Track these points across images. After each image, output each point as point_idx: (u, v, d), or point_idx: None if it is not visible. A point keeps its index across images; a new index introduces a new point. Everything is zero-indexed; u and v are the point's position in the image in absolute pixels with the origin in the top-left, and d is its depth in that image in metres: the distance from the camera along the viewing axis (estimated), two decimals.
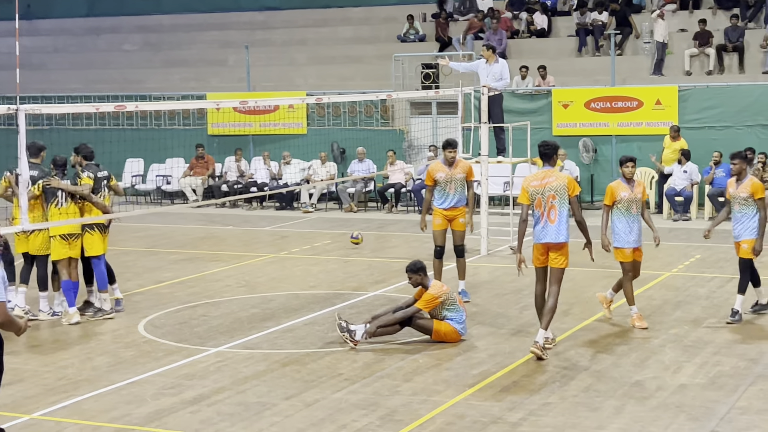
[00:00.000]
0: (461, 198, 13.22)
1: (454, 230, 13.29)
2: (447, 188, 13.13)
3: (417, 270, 11.41)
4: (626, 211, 11.88)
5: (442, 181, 13.12)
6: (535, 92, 24.24)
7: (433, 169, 13.29)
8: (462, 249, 13.40)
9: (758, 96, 22.04)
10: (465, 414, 8.92)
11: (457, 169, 13.20)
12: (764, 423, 8.50)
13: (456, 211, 13.22)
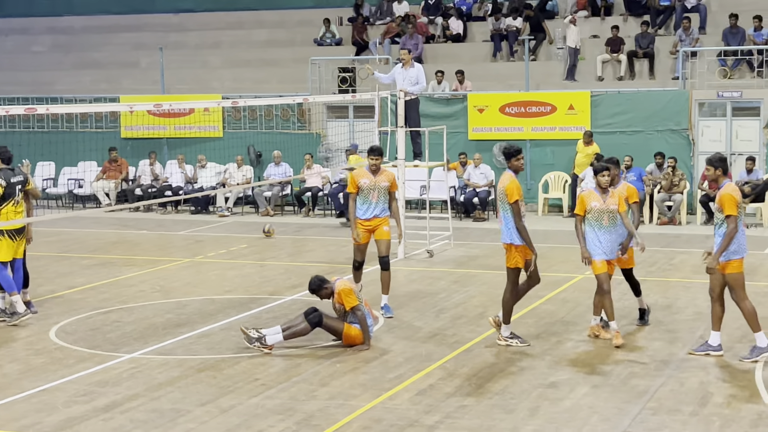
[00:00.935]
0: (384, 208, 12.79)
1: (378, 240, 12.74)
2: (370, 196, 12.69)
3: (320, 285, 11.37)
4: (596, 222, 11.25)
5: (365, 188, 12.70)
6: (451, 97, 24.42)
7: (356, 175, 12.87)
8: (387, 261, 12.79)
9: (668, 101, 22.51)
10: (382, 418, 8.92)
11: (382, 177, 12.83)
12: (675, 423, 8.67)
13: (378, 221, 12.76)
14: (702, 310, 12.86)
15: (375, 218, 12.73)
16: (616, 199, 11.35)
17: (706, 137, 22.48)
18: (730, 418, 8.73)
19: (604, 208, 11.26)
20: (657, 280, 14.83)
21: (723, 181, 10.64)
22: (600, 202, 11.28)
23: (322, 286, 11.39)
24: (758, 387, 9.62)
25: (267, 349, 11.06)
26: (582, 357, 10.84)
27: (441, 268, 16.33)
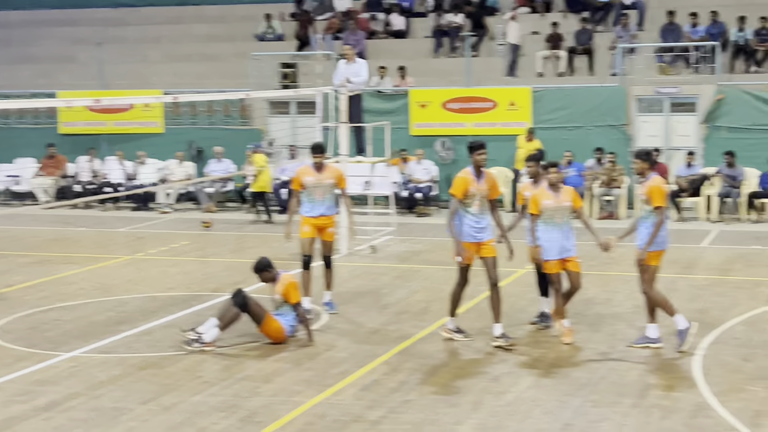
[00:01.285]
0: (330, 206, 12.59)
1: (323, 241, 12.62)
2: (315, 194, 12.44)
3: (265, 267, 11.38)
4: (549, 220, 11.13)
5: (309, 185, 12.45)
6: (393, 92, 24.44)
7: (301, 173, 12.61)
8: (331, 260, 12.77)
9: (607, 97, 22.76)
10: (326, 413, 8.92)
11: (326, 174, 12.56)
12: (615, 415, 8.78)
13: (326, 220, 12.54)
14: (641, 303, 13.01)
15: (322, 216, 12.49)
16: (571, 196, 11.21)
17: (644, 132, 22.77)
18: (670, 409, 8.86)
19: (557, 206, 11.13)
20: (597, 274, 14.98)
21: (649, 174, 10.77)
22: (552, 200, 11.15)
23: (268, 268, 11.37)
24: (696, 378, 9.77)
25: (208, 347, 10.99)
26: (524, 351, 10.92)
27: (384, 264, 16.36)
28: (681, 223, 20.41)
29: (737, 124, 21.83)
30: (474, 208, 10.92)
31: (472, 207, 10.90)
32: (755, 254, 16.79)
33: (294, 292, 11.24)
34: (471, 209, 10.91)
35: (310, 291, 12.47)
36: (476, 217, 10.94)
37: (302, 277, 12.41)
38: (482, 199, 10.97)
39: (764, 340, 11.10)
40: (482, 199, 10.97)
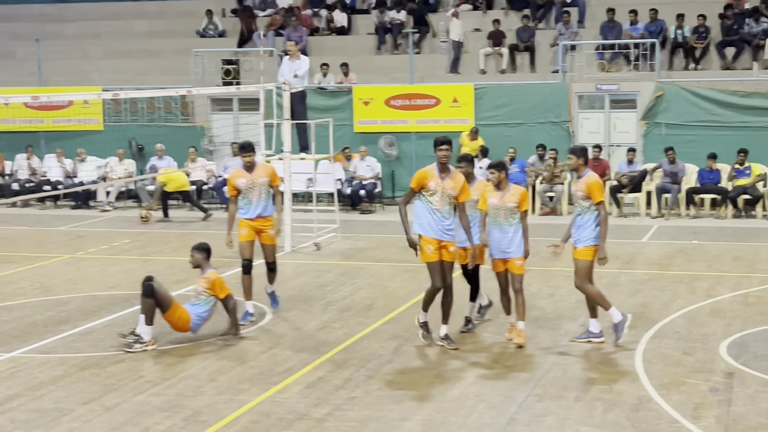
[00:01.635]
0: (267, 206, 12.14)
1: (264, 244, 12.20)
2: (250, 195, 12.04)
3: (203, 249, 11.31)
4: (493, 219, 10.91)
5: (243, 188, 12.03)
6: (336, 89, 24.40)
7: (233, 176, 12.16)
8: (274, 266, 12.42)
9: (548, 94, 22.94)
10: (271, 412, 8.87)
11: (259, 173, 12.14)
12: (559, 409, 8.84)
13: (264, 221, 12.11)
14: (583, 298, 13.13)
15: (259, 218, 12.07)
16: (518, 197, 10.94)
17: (586, 129, 22.99)
18: (612, 403, 8.95)
19: (501, 205, 10.89)
20: (540, 270, 15.09)
21: (585, 171, 10.77)
22: (497, 199, 10.94)
23: (204, 251, 11.30)
24: (638, 372, 9.88)
25: (149, 345, 10.87)
26: (469, 347, 10.96)
27: (328, 261, 16.32)
28: (622, 218, 20.64)
29: (676, 120, 22.13)
30: (435, 201, 10.59)
31: (433, 199, 10.58)
32: (694, 249, 17.04)
33: (221, 287, 11.24)
34: (432, 202, 10.59)
35: (252, 295, 12.17)
36: (441, 214, 10.60)
37: (243, 281, 12.09)
38: (446, 197, 10.63)
39: (704, 334, 11.26)
40: (446, 197, 10.63)
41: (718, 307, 12.55)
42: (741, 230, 18.92)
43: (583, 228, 10.77)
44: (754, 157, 20.83)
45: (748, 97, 21.79)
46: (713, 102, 21.92)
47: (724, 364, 10.06)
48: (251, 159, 12.14)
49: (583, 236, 10.76)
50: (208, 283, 11.25)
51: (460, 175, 10.86)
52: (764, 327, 11.51)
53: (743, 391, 9.19)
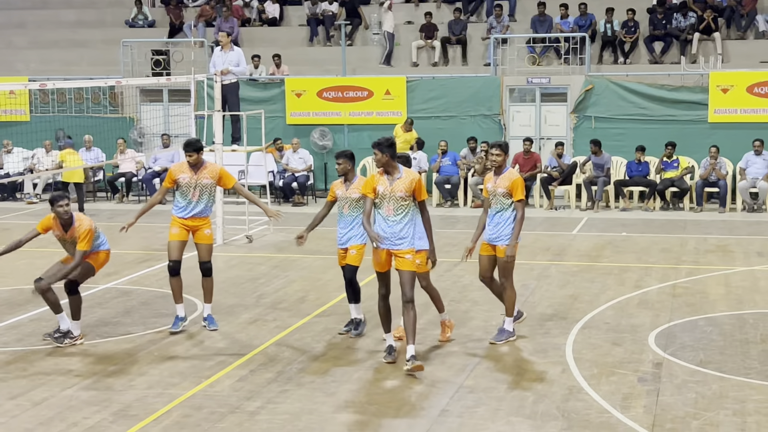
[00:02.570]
0: (206, 208, 11.27)
1: (198, 244, 11.27)
2: (190, 194, 11.14)
3: (64, 199, 10.74)
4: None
5: (183, 184, 11.15)
6: (268, 81, 24.26)
7: (175, 169, 11.30)
8: (209, 267, 11.33)
9: (480, 87, 23.07)
10: (202, 405, 8.79)
11: (204, 174, 11.20)
12: (491, 400, 8.90)
13: (201, 221, 11.21)
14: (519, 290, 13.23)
15: (195, 217, 11.18)
16: (407, 185, 9.70)
17: (517, 122, 23.18)
18: (543, 393, 9.03)
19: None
20: (472, 262, 15.14)
21: (506, 166, 10.54)
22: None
23: (64, 200, 10.77)
24: (569, 362, 9.98)
25: (78, 340, 10.71)
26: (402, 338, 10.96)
27: (261, 254, 16.23)
28: (552, 211, 20.84)
29: (605, 114, 22.41)
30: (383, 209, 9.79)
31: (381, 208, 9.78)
32: (623, 241, 17.27)
33: (87, 239, 10.72)
34: (380, 210, 9.81)
35: (182, 297, 11.29)
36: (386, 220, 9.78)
37: (172, 284, 11.26)
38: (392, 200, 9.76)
39: (632, 325, 11.42)
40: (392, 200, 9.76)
41: (647, 299, 12.73)
42: (668, 222, 19.23)
43: (505, 225, 10.47)
44: (681, 150, 21.19)
45: (676, 91, 22.15)
46: (642, 96, 22.24)
47: (652, 354, 10.21)
48: (195, 159, 11.14)
49: (505, 234, 10.49)
50: (76, 231, 10.77)
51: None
52: (691, 318, 11.71)
53: (671, 381, 9.34)
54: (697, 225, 18.94)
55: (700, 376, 9.46)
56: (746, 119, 21.65)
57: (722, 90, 21.78)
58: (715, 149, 20.74)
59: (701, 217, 19.84)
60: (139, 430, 8.21)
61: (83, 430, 8.21)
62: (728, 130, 21.66)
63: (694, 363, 9.80)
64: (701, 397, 8.85)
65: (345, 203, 10.83)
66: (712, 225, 18.86)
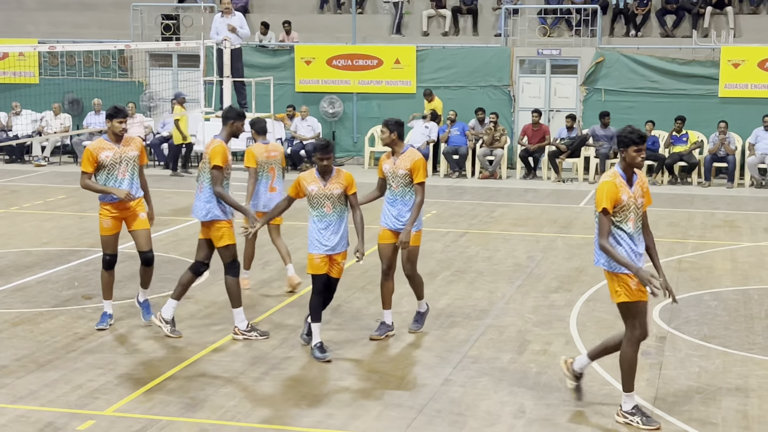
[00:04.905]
0: (134, 185, 9.83)
1: (134, 231, 9.90)
2: (116, 171, 9.72)
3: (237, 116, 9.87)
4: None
5: (108, 163, 9.70)
6: (278, 48, 24.18)
7: (94, 148, 9.78)
8: (150, 257, 10.01)
9: (490, 57, 22.96)
10: (207, 370, 8.84)
11: (130, 147, 9.82)
12: (494, 371, 8.93)
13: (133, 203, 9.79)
14: (521, 262, 13.27)
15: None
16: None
17: (527, 94, 23.10)
18: (546, 365, 9.05)
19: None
20: (478, 233, 15.18)
21: (404, 146, 9.64)
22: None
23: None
24: (572, 334, 10.01)
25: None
26: (405, 308, 10.98)
27: None
28: (560, 183, 20.81)
29: (615, 87, 22.31)
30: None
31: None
32: None
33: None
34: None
35: (113, 294, 10.17)
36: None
37: (102, 278, 10.04)
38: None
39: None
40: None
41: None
42: (676, 197, 19.19)
43: (408, 211, 9.59)
44: (691, 124, 21.11)
45: (687, 65, 22.03)
46: (652, 69, 22.13)
47: (656, 328, 10.22)
48: (123, 125, 9.78)
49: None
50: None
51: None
52: (696, 292, 11.71)
53: (674, 355, 9.35)
54: (704, 200, 18.89)
55: (703, 350, 9.48)
56: (757, 94, 21.54)
57: (733, 65, 21.66)
58: (724, 124, 20.66)
59: (709, 192, 19.79)
60: (144, 393, 8.27)
61: (88, 392, 8.26)
62: (738, 105, 21.56)
63: (698, 337, 9.81)
64: (704, 372, 8.87)
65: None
66: (719, 200, 18.82)
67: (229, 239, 9.68)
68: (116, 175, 9.73)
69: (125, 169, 9.75)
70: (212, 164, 9.49)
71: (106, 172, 9.73)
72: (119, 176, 9.74)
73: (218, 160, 9.47)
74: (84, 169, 9.77)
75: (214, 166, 9.47)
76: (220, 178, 9.48)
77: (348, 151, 23.57)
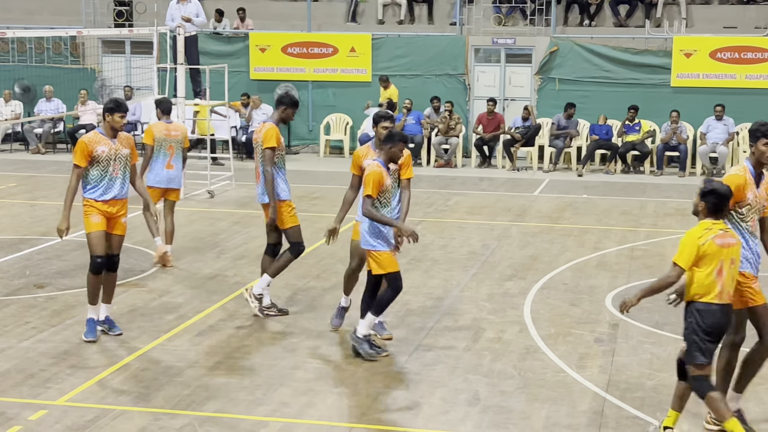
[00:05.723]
0: (126, 184, 9.45)
1: (113, 235, 9.47)
2: (110, 168, 9.25)
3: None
4: None
5: (103, 158, 9.19)
6: (232, 35, 24.04)
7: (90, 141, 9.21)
8: (117, 262, 9.59)
9: (445, 46, 23.00)
10: (160, 359, 8.79)
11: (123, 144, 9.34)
12: (449, 358, 8.96)
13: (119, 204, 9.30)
14: (476, 250, 13.34)
15: (114, 200, 9.30)
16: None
17: (482, 82, 23.17)
18: (500, 352, 9.11)
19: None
20: (434, 221, 15.23)
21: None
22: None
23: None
24: (526, 322, 10.07)
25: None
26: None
27: (222, 209, 16.18)
28: (514, 172, 20.91)
29: (569, 76, 22.45)
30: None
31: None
32: (583, 203, 17.38)
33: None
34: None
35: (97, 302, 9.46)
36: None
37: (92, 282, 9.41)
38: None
39: (590, 286, 11.53)
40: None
41: (605, 260, 12.85)
42: (629, 185, 19.37)
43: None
44: (644, 114, 21.30)
45: (640, 54, 22.23)
46: (606, 59, 22.29)
47: (609, 315, 10.33)
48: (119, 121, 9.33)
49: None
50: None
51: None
52: (649, 280, 11.81)
53: (627, 342, 9.46)
54: (657, 188, 19.09)
55: (655, 337, 9.59)
56: (708, 84, 21.78)
57: (685, 54, 21.88)
58: (676, 114, 20.88)
59: (661, 181, 20.00)
60: (97, 382, 8.20)
61: (40, 382, 8.19)
62: (690, 94, 21.79)
63: (650, 324, 9.92)
64: (656, 359, 8.98)
65: None
66: (671, 188, 19.02)
67: (290, 221, 9.91)
68: (110, 171, 9.25)
69: (119, 167, 9.29)
70: (265, 146, 9.76)
71: (101, 168, 9.22)
72: (113, 173, 9.26)
73: (272, 142, 9.75)
74: (78, 163, 9.17)
75: (267, 147, 9.74)
76: (272, 158, 9.74)
77: (303, 139, 23.51)
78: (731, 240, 6.88)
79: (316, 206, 16.28)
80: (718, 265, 6.81)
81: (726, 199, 6.91)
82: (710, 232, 6.83)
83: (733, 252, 6.86)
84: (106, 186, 9.26)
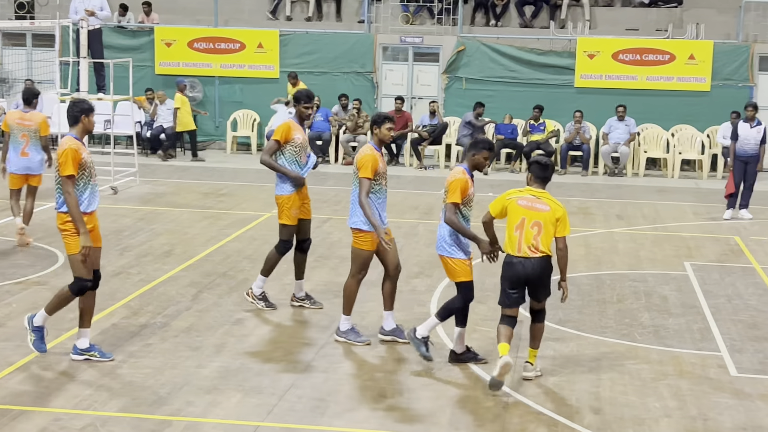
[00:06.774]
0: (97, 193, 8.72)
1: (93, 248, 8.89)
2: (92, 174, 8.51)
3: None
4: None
5: (87, 165, 8.38)
6: (137, 29, 23.68)
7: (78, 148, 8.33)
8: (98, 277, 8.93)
9: (353, 44, 23.02)
10: (62, 359, 8.61)
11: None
12: (355, 356, 8.97)
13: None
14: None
15: (94, 211, 8.64)
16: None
17: (390, 81, 23.26)
18: (406, 349, 9.14)
19: None
20: (341, 219, 15.21)
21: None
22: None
23: None
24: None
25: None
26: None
27: (126, 206, 15.93)
28: (422, 170, 21.03)
29: (476, 75, 22.68)
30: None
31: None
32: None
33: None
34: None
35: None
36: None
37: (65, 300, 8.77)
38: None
39: (495, 283, 11.57)
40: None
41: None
42: None
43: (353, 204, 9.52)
44: (548, 113, 21.63)
45: (545, 55, 22.57)
46: (511, 59, 22.58)
47: None
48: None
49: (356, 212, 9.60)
50: None
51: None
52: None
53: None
54: (560, 187, 19.31)
55: (558, 333, 9.74)
56: (611, 85, 22.23)
57: (589, 56, 22.29)
58: (579, 114, 21.25)
59: (564, 180, 20.31)
60: None
61: None
62: (593, 95, 22.21)
63: (553, 321, 10.07)
64: (559, 355, 9.12)
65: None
66: (574, 187, 19.34)
67: (286, 219, 10.01)
68: (92, 180, 8.42)
69: (95, 172, 8.52)
70: (272, 138, 10.02)
71: (85, 177, 8.34)
72: (92, 181, 8.43)
73: (277, 136, 9.96)
74: (72, 173, 8.20)
75: (273, 140, 9.99)
76: (272, 150, 9.91)
77: (210, 135, 23.28)
78: None
79: (222, 203, 16.14)
80: None
81: None
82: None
83: None
84: (90, 196, 8.44)
